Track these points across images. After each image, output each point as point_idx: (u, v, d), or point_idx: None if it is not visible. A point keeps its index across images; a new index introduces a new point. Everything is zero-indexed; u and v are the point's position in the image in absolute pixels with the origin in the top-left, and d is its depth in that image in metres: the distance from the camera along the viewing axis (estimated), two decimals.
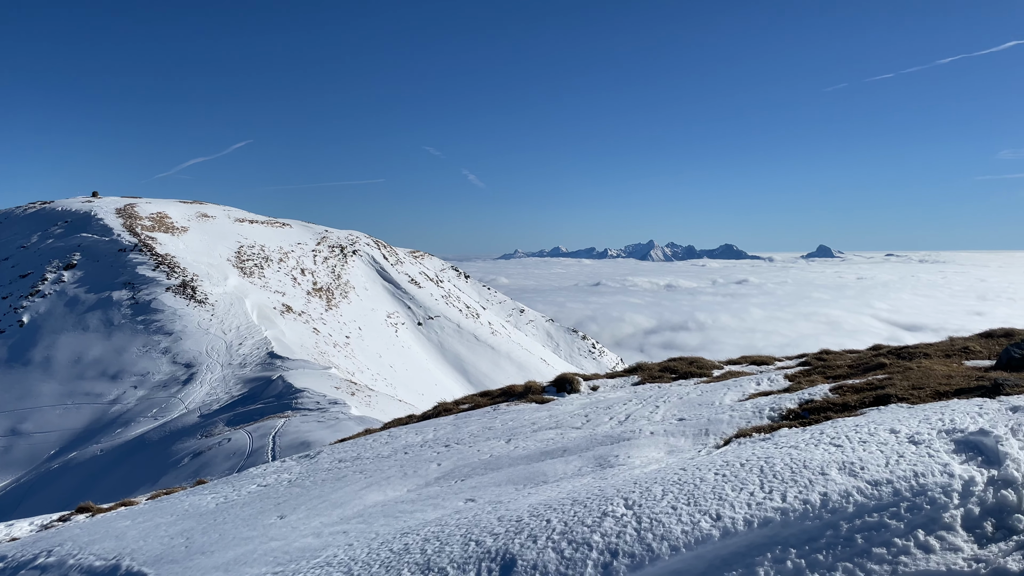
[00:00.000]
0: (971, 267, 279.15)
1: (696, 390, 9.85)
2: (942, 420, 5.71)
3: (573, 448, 7.79)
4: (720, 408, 8.29)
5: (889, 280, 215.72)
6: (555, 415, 9.72)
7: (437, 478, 7.93)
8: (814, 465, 5.03)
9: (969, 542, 4.35)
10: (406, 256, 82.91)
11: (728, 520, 4.55)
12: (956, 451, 5.07)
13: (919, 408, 6.42)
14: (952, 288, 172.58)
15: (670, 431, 7.75)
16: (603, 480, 6.19)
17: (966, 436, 5.24)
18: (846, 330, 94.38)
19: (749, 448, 5.94)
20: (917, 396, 6.92)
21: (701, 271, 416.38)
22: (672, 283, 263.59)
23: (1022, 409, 5.85)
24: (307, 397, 32.36)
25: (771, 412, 7.65)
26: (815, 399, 7.72)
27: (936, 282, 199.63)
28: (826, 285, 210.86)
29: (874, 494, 4.61)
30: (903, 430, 5.54)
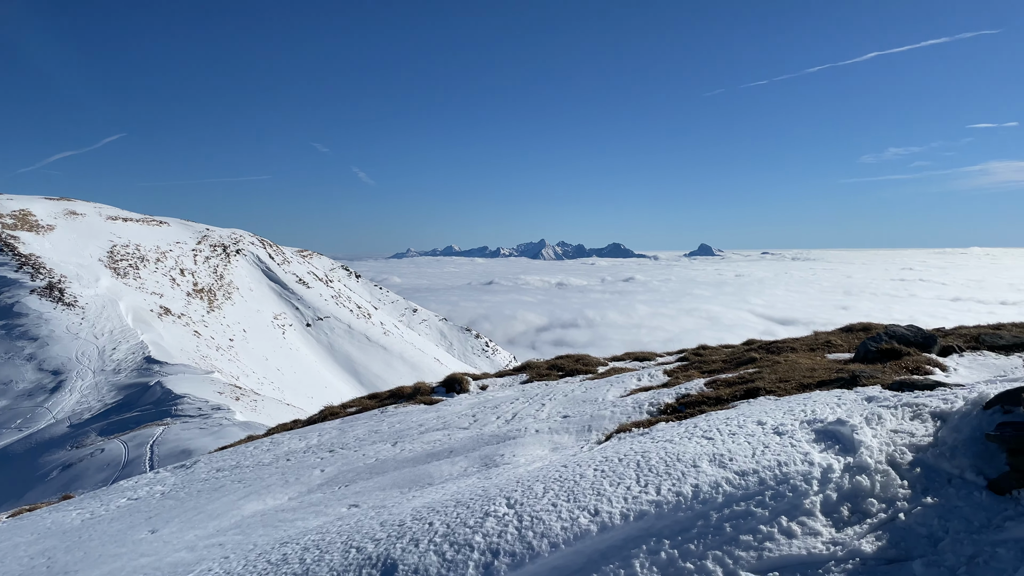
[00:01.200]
0: (838, 264, 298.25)
1: (581, 387, 10.05)
2: (804, 411, 6.06)
3: (460, 449, 7.79)
4: (603, 404, 8.49)
5: (764, 277, 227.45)
6: (443, 416, 9.69)
7: (320, 484, 7.75)
8: (687, 458, 5.22)
9: (828, 526, 4.63)
10: (294, 255, 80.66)
11: (606, 515, 4.67)
12: (816, 440, 5.39)
13: (785, 400, 6.79)
14: (821, 284, 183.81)
15: (555, 428, 7.87)
16: (488, 480, 6.22)
17: (825, 426, 5.57)
18: (725, 324, 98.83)
19: (628, 443, 6.11)
20: (783, 389, 7.31)
21: (591, 269, 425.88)
22: (563, 281, 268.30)
23: (876, 399, 6.28)
24: (188, 403, 30.97)
25: (650, 407, 7.90)
26: (691, 393, 8.03)
27: (807, 278, 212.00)
28: (707, 282, 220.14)
29: (742, 484, 4.83)
30: (769, 421, 5.84)
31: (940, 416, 5.61)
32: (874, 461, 5.05)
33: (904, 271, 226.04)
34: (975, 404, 5.45)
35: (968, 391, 6.02)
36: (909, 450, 5.20)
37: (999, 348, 8.35)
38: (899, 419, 5.66)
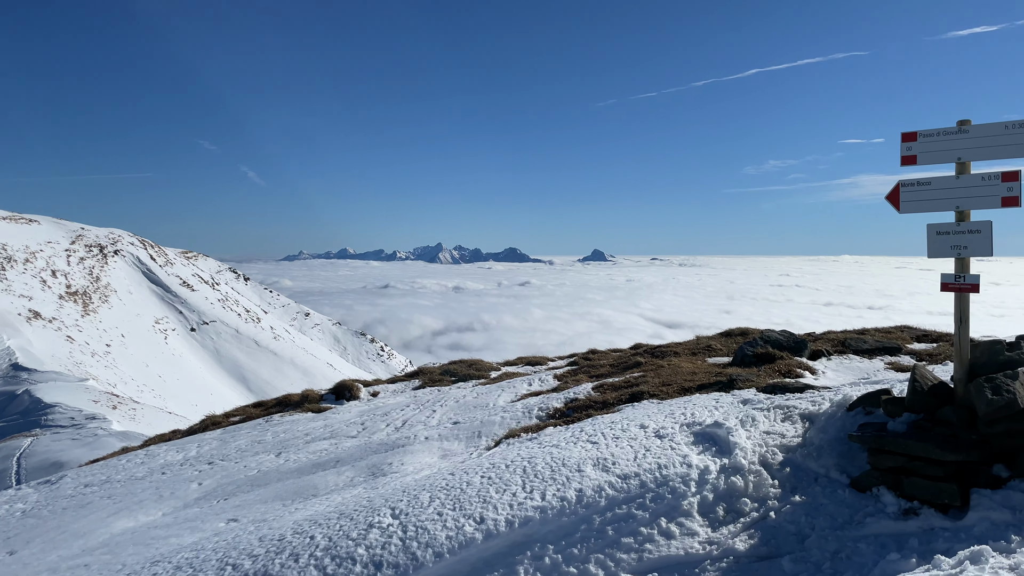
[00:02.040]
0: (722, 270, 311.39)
1: (473, 392, 10.03)
2: (685, 414, 6.26)
3: (347, 458, 7.61)
4: (494, 410, 8.50)
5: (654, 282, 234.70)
6: (331, 424, 9.45)
7: (198, 499, 7.40)
8: (572, 463, 5.29)
9: (704, 526, 4.79)
10: (177, 257, 77.04)
11: (491, 522, 4.66)
12: (695, 443, 5.57)
13: (667, 404, 6.99)
14: (706, 289, 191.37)
15: (445, 435, 7.82)
16: (374, 490, 6.10)
17: (704, 428, 5.77)
18: (616, 328, 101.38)
19: (516, 449, 6.13)
20: (666, 392, 7.53)
21: (487, 273, 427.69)
22: (460, 285, 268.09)
23: (751, 402, 6.55)
24: (59, 412, 28.98)
25: (540, 412, 7.97)
26: (579, 398, 8.15)
27: (693, 284, 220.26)
28: (599, 287, 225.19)
29: (624, 487, 4.93)
30: (651, 425, 5.99)
31: (808, 418, 5.92)
32: (748, 462, 5.26)
33: (782, 277, 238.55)
34: (839, 406, 5.78)
35: (834, 393, 6.38)
36: (780, 450, 5.45)
37: (863, 352, 8.91)
38: (771, 421, 5.93)
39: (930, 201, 5.12)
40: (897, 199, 5.29)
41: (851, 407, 5.66)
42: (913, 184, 5.20)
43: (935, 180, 5.11)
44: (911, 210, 5.22)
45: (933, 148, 5.08)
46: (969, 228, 4.96)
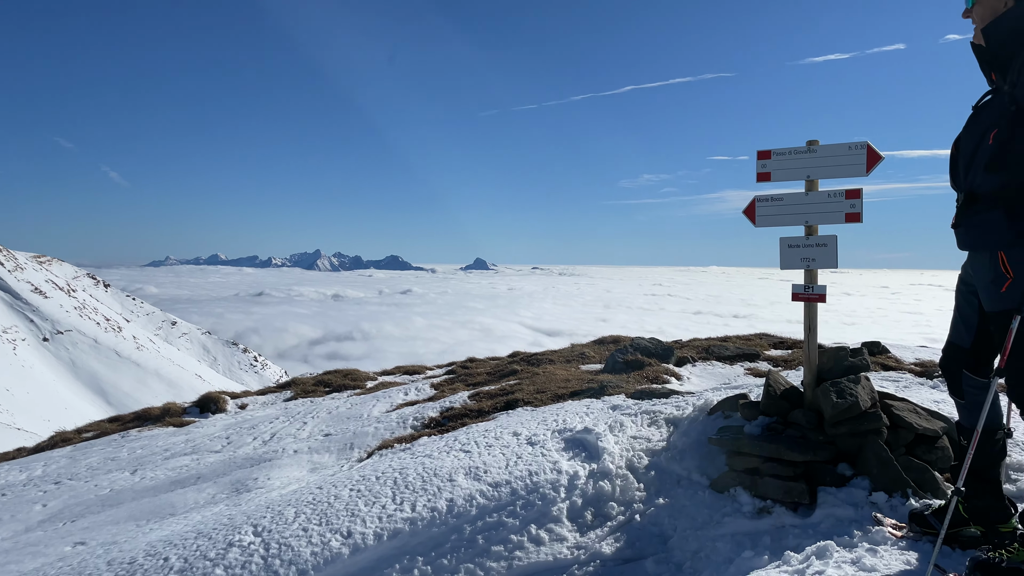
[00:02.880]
0: (599, 279, 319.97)
1: (347, 403, 9.81)
2: (557, 421, 6.35)
3: (209, 474, 7.25)
4: (367, 420, 8.33)
5: (534, 290, 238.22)
6: (193, 439, 8.98)
7: (42, 521, 6.83)
8: (444, 472, 5.24)
9: (573, 531, 4.86)
10: (28, 261, 71.40)
11: (359, 536, 4.54)
12: (566, 449, 5.65)
13: (540, 411, 7.08)
14: (585, 298, 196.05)
15: (315, 448, 7.59)
16: (236, 507, 5.83)
17: (574, 434, 5.87)
18: (497, 336, 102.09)
19: (388, 460, 6.03)
20: (540, 399, 7.62)
21: (368, 281, 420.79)
22: (339, 293, 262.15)
23: (620, 407, 6.73)
24: None
25: (415, 421, 7.88)
26: (455, 406, 8.12)
27: (572, 292, 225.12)
28: (481, 295, 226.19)
29: (495, 495, 4.93)
30: (524, 432, 6.04)
31: (673, 422, 6.14)
32: (615, 466, 5.39)
33: (655, 286, 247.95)
34: (701, 410, 6.02)
35: (697, 398, 6.64)
36: (646, 454, 5.61)
37: (725, 358, 9.36)
38: (639, 426, 6.11)
39: (782, 216, 5.43)
40: (753, 213, 5.57)
41: (711, 411, 5.92)
42: (767, 199, 5.50)
43: (787, 196, 5.42)
44: (765, 224, 5.51)
45: (785, 166, 5.39)
46: (817, 242, 5.29)
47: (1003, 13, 3.53)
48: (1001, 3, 3.56)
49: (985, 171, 3.51)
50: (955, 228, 3.79)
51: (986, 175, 3.51)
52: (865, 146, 5.08)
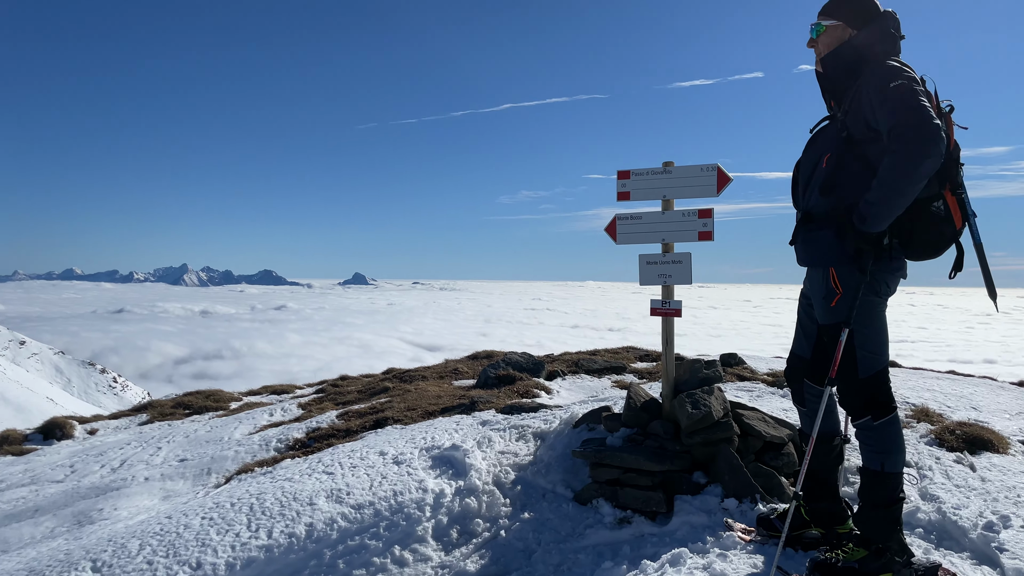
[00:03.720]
0: (480, 294, 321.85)
1: (207, 426, 9.33)
2: (425, 439, 6.26)
3: (48, 506, 6.69)
4: (228, 444, 7.95)
5: (415, 305, 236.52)
6: (33, 468, 8.27)
7: None
8: (304, 496, 5.06)
9: (438, 550, 4.78)
10: None
11: (209, 567, 4.29)
12: (433, 467, 5.58)
13: (409, 428, 6.97)
14: (465, 312, 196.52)
15: (169, 474, 7.16)
16: (76, 541, 5.39)
17: (442, 452, 5.81)
18: (376, 352, 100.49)
19: (246, 485, 5.75)
20: (410, 417, 7.52)
21: (240, 297, 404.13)
22: (208, 309, 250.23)
23: (489, 423, 6.73)
24: None
25: (278, 443, 7.59)
26: (322, 426, 7.88)
27: (453, 307, 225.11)
28: (360, 310, 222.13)
29: (357, 518, 4.80)
30: (391, 451, 5.92)
31: (540, 436, 6.19)
32: (482, 483, 5.37)
33: (535, 301, 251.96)
34: (567, 423, 6.11)
35: (564, 412, 6.74)
36: (513, 469, 5.63)
37: (594, 371, 9.58)
38: (507, 440, 6.12)
39: (641, 234, 5.61)
40: (614, 231, 5.74)
41: (577, 424, 6.02)
42: (627, 218, 5.68)
43: (645, 215, 5.61)
44: (626, 241, 5.68)
45: (643, 186, 5.58)
46: (673, 259, 5.50)
47: (842, 44, 3.80)
48: (844, 34, 3.83)
49: (819, 193, 3.76)
50: (793, 245, 4.04)
51: (820, 196, 3.76)
52: (715, 168, 5.34)
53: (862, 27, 3.72)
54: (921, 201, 3.48)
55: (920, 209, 3.48)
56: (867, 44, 3.65)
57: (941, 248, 3.56)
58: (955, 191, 3.52)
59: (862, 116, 3.54)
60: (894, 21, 3.68)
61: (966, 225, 3.58)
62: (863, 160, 3.58)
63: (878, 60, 3.55)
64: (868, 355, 3.71)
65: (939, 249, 3.56)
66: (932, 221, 3.48)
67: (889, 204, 3.30)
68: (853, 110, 3.61)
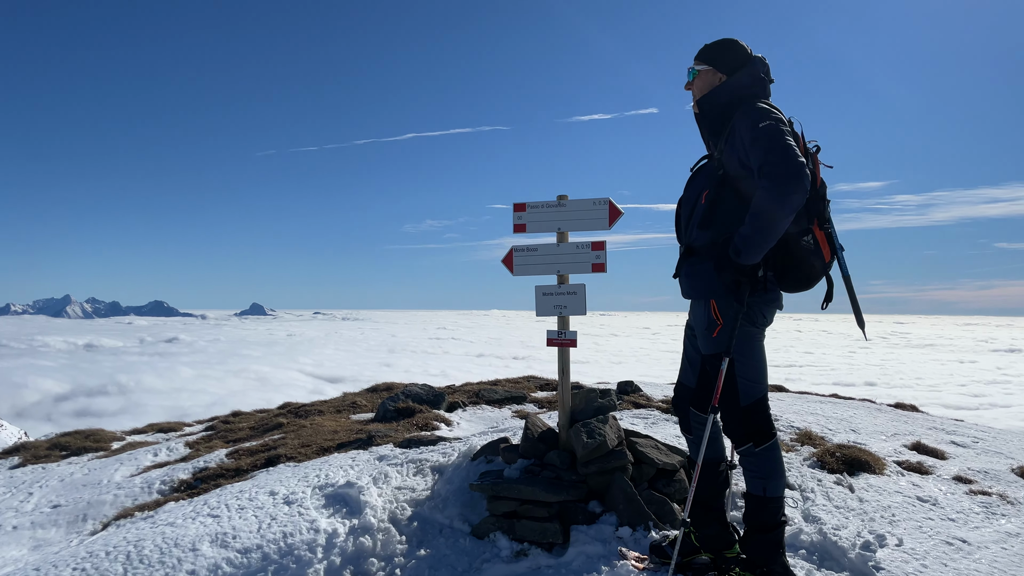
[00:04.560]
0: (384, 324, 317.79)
1: (85, 468, 8.76)
2: (319, 476, 6.08)
3: None
4: (107, 487, 7.49)
5: (315, 336, 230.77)
6: None
7: None
8: (186, 542, 4.80)
9: None
10: None
11: None
12: (326, 506, 5.42)
13: (303, 466, 6.76)
14: (368, 343, 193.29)
15: (40, 522, 6.68)
16: None
17: (336, 490, 5.65)
18: (274, 385, 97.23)
19: (124, 531, 5.42)
20: (304, 454, 7.29)
21: (127, 329, 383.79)
22: (93, 342, 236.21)
23: (387, 458, 6.60)
24: None
25: (162, 485, 7.20)
26: (210, 466, 7.54)
27: (356, 337, 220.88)
28: (258, 342, 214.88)
29: (244, 563, 4.59)
30: (282, 491, 5.72)
31: (439, 469, 6.12)
32: (377, 520, 5.24)
33: (439, 330, 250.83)
34: (465, 456, 6.07)
35: (463, 444, 6.69)
36: (410, 505, 5.53)
37: (494, 401, 9.58)
38: (404, 476, 6.02)
39: (537, 265, 5.69)
40: (511, 263, 5.79)
41: (475, 456, 5.98)
42: (523, 249, 5.75)
43: (541, 247, 5.69)
44: (522, 272, 5.74)
45: (539, 218, 5.67)
46: (568, 290, 5.59)
47: (715, 87, 4.00)
48: (716, 79, 4.03)
49: (699, 228, 3.92)
50: (677, 278, 4.18)
51: (700, 231, 3.92)
52: (607, 202, 5.49)
53: (733, 72, 3.93)
54: (792, 235, 3.68)
55: (792, 243, 3.68)
56: (738, 87, 3.86)
57: (813, 280, 3.77)
58: (823, 226, 3.74)
59: (736, 155, 3.73)
60: (764, 66, 3.90)
61: (835, 258, 3.80)
62: (738, 196, 3.77)
63: (749, 102, 3.76)
64: (748, 383, 3.86)
65: (811, 281, 3.77)
66: (803, 255, 3.68)
67: (761, 237, 3.48)
68: (728, 149, 3.79)
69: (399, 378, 13.65)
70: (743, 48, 3.97)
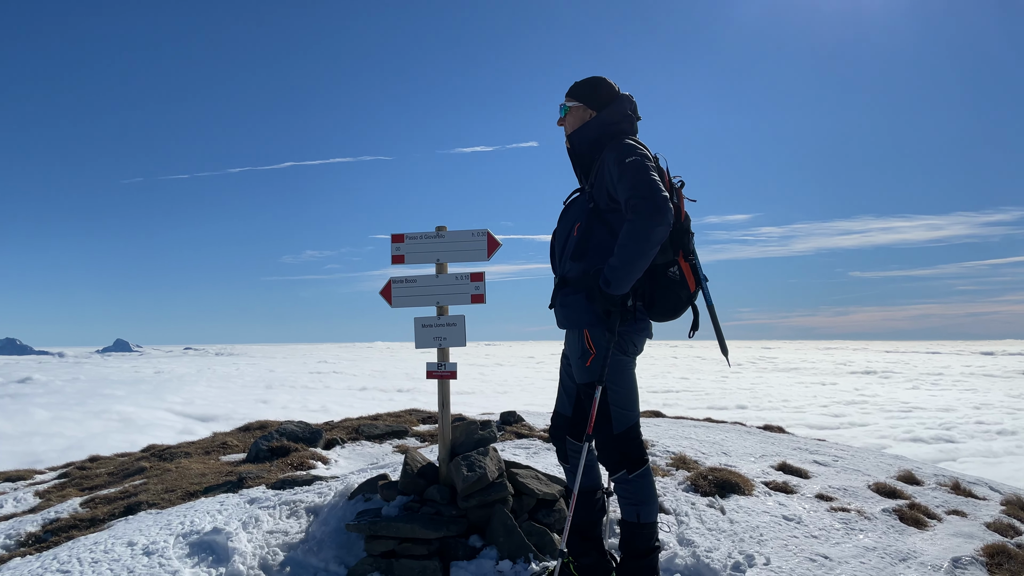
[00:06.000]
0: (261, 359, 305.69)
1: None
2: (183, 523, 5.72)
3: None
4: None
5: (186, 373, 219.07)
6: None
7: None
8: None
9: None
10: None
11: None
12: (190, 555, 5.10)
13: (166, 513, 6.35)
14: (244, 379, 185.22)
15: None
16: None
17: (201, 537, 5.33)
18: (139, 426, 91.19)
19: None
20: (168, 500, 6.86)
21: None
22: None
23: (258, 500, 6.29)
24: None
25: (6, 540, 6.57)
26: (62, 517, 6.95)
27: (231, 373, 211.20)
28: (122, 380, 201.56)
29: None
30: (141, 540, 5.34)
31: (314, 511, 5.89)
32: (247, 567, 4.98)
33: (320, 364, 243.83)
34: (342, 495, 5.87)
35: (340, 483, 6.48)
36: (282, 550, 5.28)
37: (375, 437, 9.36)
38: (276, 519, 5.75)
39: (416, 297, 5.63)
40: (389, 294, 5.70)
41: (352, 495, 5.80)
42: (402, 281, 5.67)
43: (420, 278, 5.64)
44: (401, 304, 5.66)
45: (417, 249, 5.63)
46: (447, 321, 5.55)
47: (585, 123, 4.11)
48: (586, 115, 4.14)
49: (572, 259, 3.99)
50: (552, 309, 4.24)
51: (572, 263, 3.99)
52: (485, 233, 5.51)
53: (602, 108, 4.06)
54: (659, 267, 3.81)
55: (658, 274, 3.82)
56: (607, 123, 4.00)
57: (679, 310, 3.91)
58: (687, 257, 3.90)
59: (605, 189, 3.84)
60: (631, 104, 4.06)
61: (699, 288, 3.96)
62: (608, 228, 3.87)
63: (617, 138, 3.89)
64: (621, 411, 3.94)
65: (677, 311, 3.91)
66: (669, 285, 3.82)
67: (629, 268, 3.58)
68: (598, 183, 3.91)
69: (277, 415, 13.12)
70: (611, 86, 4.12)
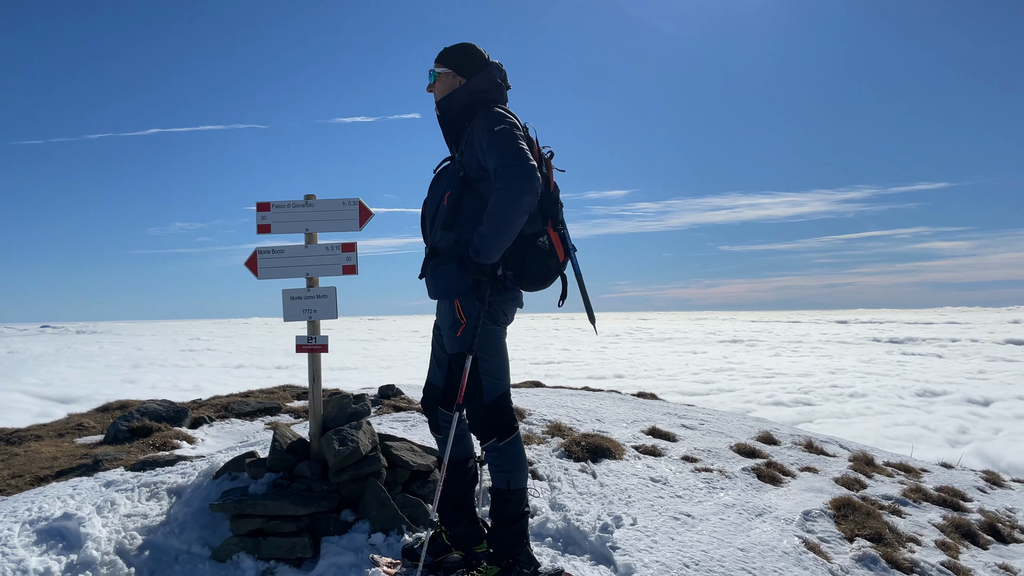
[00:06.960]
0: (128, 336, 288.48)
1: None
2: (31, 510, 5.33)
3: None
4: None
5: (44, 352, 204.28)
6: None
7: None
8: None
9: None
10: None
11: None
12: (38, 543, 4.76)
13: (12, 500, 5.88)
14: (109, 358, 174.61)
15: None
16: None
17: (50, 523, 4.99)
18: None
19: None
20: (14, 486, 6.38)
21: None
22: None
23: (115, 483, 5.94)
24: None
25: None
26: None
27: (93, 352, 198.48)
28: None
29: None
30: None
31: (176, 492, 5.62)
32: (101, 553, 4.70)
33: (193, 341, 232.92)
34: (207, 475, 5.64)
35: (205, 462, 6.22)
36: (140, 533, 5.02)
37: (246, 414, 9.03)
38: (135, 502, 5.45)
39: (284, 268, 5.43)
40: (255, 266, 5.47)
41: (218, 474, 5.58)
42: (269, 252, 5.46)
43: (288, 248, 5.44)
44: (268, 276, 5.45)
45: (285, 219, 5.42)
46: (318, 293, 5.39)
47: (455, 90, 4.05)
48: (455, 82, 4.08)
49: (442, 229, 3.95)
50: (423, 279, 4.19)
51: (443, 232, 3.95)
52: (357, 203, 5.37)
53: (471, 76, 4.01)
54: (528, 236, 3.83)
55: (528, 244, 3.83)
56: (476, 91, 3.95)
57: (548, 280, 3.94)
58: (556, 227, 3.93)
59: (475, 157, 3.81)
60: (500, 72, 4.03)
61: (568, 258, 4.01)
62: (478, 197, 3.85)
63: (487, 107, 3.86)
64: (492, 380, 3.96)
65: (547, 280, 3.94)
66: (539, 255, 3.84)
67: (497, 237, 3.58)
68: (468, 152, 3.87)
69: (145, 395, 12.42)
70: (481, 53, 4.07)
